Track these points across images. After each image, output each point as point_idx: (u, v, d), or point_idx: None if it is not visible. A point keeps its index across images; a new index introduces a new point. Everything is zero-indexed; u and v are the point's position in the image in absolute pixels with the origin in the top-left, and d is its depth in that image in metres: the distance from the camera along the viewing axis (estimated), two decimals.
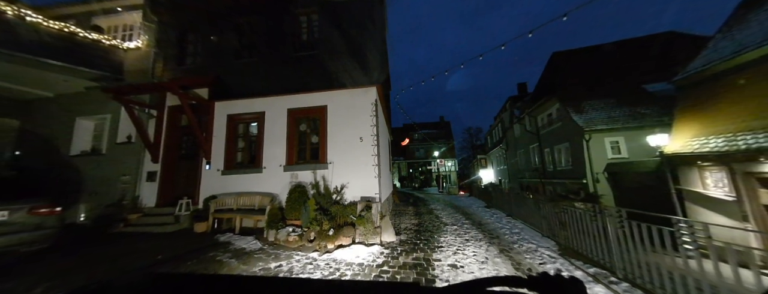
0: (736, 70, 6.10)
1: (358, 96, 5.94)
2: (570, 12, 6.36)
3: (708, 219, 6.56)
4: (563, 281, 0.45)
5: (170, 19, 7.02)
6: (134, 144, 6.52)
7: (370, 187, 5.54)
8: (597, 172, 10.62)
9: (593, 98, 11.91)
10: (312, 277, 3.20)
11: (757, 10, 6.79)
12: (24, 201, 3.15)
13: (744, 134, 5.62)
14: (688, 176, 6.99)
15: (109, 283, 0.65)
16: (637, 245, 3.10)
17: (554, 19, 6.50)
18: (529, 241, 4.96)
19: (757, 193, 5.63)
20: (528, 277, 0.47)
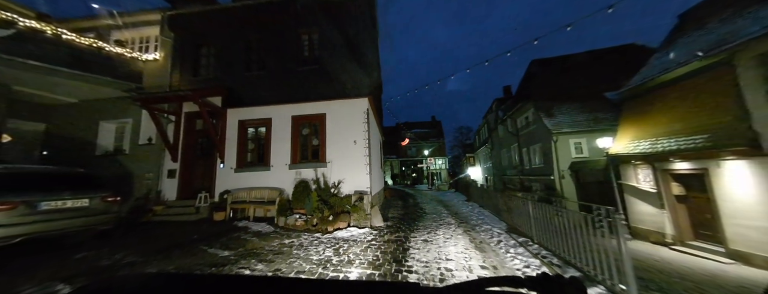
0: (661, 86, 7.51)
1: (352, 106, 7.04)
2: (575, 23, 6.77)
3: (640, 208, 8.03)
4: (563, 281, 0.45)
5: (186, 35, 7.87)
6: (155, 145, 7.41)
7: (363, 182, 6.67)
8: (563, 169, 12.08)
9: (562, 103, 13.36)
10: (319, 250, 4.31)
11: (685, 32, 8.23)
12: (96, 191, 4.13)
13: (662, 139, 7.04)
14: (626, 173, 8.43)
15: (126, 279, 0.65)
16: (546, 222, 4.34)
17: (559, 29, 7.07)
18: (488, 224, 6.22)
19: (670, 186, 7.08)
20: (528, 277, 0.46)
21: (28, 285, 2.75)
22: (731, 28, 6.05)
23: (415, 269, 3.51)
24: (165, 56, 7.87)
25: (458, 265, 3.68)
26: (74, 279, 2.94)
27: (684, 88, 6.79)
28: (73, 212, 3.77)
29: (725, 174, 5.75)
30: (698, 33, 7.45)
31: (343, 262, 3.73)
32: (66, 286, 2.79)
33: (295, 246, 4.47)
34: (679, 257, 6.24)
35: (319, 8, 7.50)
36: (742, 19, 6.14)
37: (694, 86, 6.51)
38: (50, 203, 3.55)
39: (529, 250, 4.17)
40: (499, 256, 4.06)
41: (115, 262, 3.51)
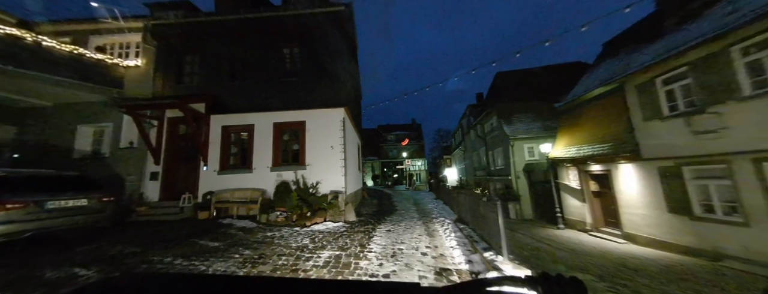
0: (583, 103, 9.26)
1: (330, 114, 7.91)
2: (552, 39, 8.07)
3: (570, 202, 9.75)
4: (563, 281, 0.44)
5: (169, 44, 8.24)
6: (137, 149, 7.71)
7: (339, 183, 7.56)
8: (518, 170, 13.85)
9: (519, 112, 15.23)
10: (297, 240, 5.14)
11: (605, 59, 10.11)
12: (93, 192, 4.63)
13: (584, 146, 8.74)
14: (561, 173, 10.17)
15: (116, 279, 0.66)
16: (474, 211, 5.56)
17: (543, 42, 8.36)
18: (443, 216, 7.42)
19: (589, 184, 8.80)
20: (528, 277, 0.46)
21: (48, 270, 3.33)
22: (627, 61, 7.83)
23: (374, 250, 4.50)
24: (147, 63, 8.17)
25: (409, 246, 4.74)
26: (89, 265, 3.54)
27: (597, 106, 8.54)
28: (74, 211, 4.28)
29: (620, 174, 7.46)
30: (612, 61, 9.32)
31: (317, 247, 4.62)
32: (82, 269, 3.41)
33: (276, 237, 5.27)
34: (592, 240, 7.89)
35: (300, 25, 8.30)
36: (637, 53, 7.95)
37: (603, 105, 8.25)
38: (55, 203, 4.06)
39: (464, 233, 5.36)
40: (442, 239, 5.20)
41: (119, 252, 4.10)
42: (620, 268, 5.25)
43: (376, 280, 3.17)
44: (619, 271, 5.07)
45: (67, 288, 2.87)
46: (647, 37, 7.72)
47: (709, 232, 5.34)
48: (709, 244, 5.32)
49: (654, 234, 6.50)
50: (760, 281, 4.29)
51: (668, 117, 6.03)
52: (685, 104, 5.75)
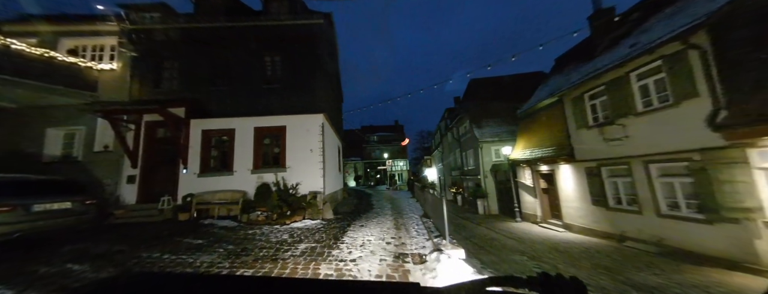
0: (536, 111, 10.62)
1: (310, 120, 8.47)
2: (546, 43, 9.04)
3: (526, 198, 11.08)
4: (563, 281, 0.44)
5: (147, 48, 8.31)
6: (112, 152, 7.75)
7: (318, 184, 8.15)
8: (486, 170, 15.21)
9: (488, 117, 16.68)
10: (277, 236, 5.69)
11: (554, 73, 11.61)
12: (77, 195, 4.87)
13: (536, 149, 10.06)
14: (519, 173, 11.51)
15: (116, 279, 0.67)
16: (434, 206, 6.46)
17: (532, 48, 9.17)
18: (414, 212, 8.29)
19: (539, 182, 10.15)
20: (528, 277, 0.46)
21: (42, 267, 3.66)
22: (567, 77, 9.21)
23: (346, 241, 5.19)
24: (123, 66, 8.20)
25: (377, 237, 5.49)
26: (80, 262, 3.89)
27: (546, 115, 9.90)
28: (58, 213, 4.53)
29: (561, 173, 8.79)
30: (558, 76, 10.78)
31: (295, 241, 5.23)
32: (75, 265, 3.77)
33: (257, 234, 5.78)
34: (540, 230, 9.18)
35: (281, 35, 8.76)
36: (575, 71, 9.37)
37: (550, 114, 9.60)
38: (41, 205, 4.32)
39: (426, 225, 6.24)
40: (407, 231, 6.02)
41: (107, 251, 4.43)
42: (551, 251, 6.41)
43: (376, 280, 3.12)
44: (549, 253, 6.21)
45: (77, 266, 3.22)
46: (584, 57, 9.16)
47: (618, 219, 6.68)
48: (618, 229, 6.65)
49: (583, 223, 7.84)
50: (643, 255, 5.59)
51: (592, 126, 7.36)
52: (603, 116, 7.09)
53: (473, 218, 12.78)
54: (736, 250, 4.36)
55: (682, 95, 5.04)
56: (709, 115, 4.53)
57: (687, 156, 5.00)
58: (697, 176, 4.86)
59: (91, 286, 0.64)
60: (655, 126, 5.59)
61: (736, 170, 4.31)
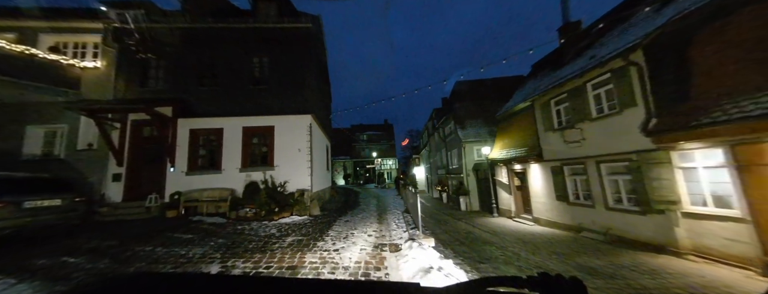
0: (512, 115, 11.42)
1: (298, 120, 8.78)
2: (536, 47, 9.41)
3: (503, 195, 11.90)
4: (563, 281, 0.45)
5: (132, 47, 8.30)
6: (96, 150, 7.75)
7: (305, 182, 8.50)
8: (468, 169, 16.03)
9: (472, 119, 17.51)
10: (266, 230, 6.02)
11: (530, 79, 12.47)
12: (67, 193, 5.01)
13: (511, 150, 10.85)
14: (497, 171, 12.32)
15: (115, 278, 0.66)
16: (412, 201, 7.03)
17: (523, 52, 9.48)
18: (397, 209, 8.82)
19: (514, 180, 10.97)
20: (528, 278, 0.46)
21: (39, 260, 3.86)
22: (539, 84, 10.02)
23: (331, 234, 5.63)
24: (108, 65, 8.16)
25: (360, 231, 5.96)
26: (75, 255, 4.11)
27: (520, 118, 10.70)
28: (49, 210, 4.68)
29: (532, 172, 9.61)
30: (533, 81, 11.63)
31: (283, 235, 5.61)
32: (70, 258, 3.99)
33: (247, 229, 6.10)
34: (513, 224, 9.98)
35: (269, 38, 8.99)
36: (546, 78, 10.19)
37: (523, 117, 10.40)
38: (32, 203, 4.47)
39: (405, 220, 6.78)
40: (388, 224, 6.53)
41: (98, 245, 4.63)
42: (518, 242, 7.13)
43: (376, 280, 3.09)
44: (516, 243, 6.92)
45: (72, 259, 3.45)
46: (555, 65, 9.99)
47: (576, 213, 7.51)
48: (576, 221, 7.48)
49: (549, 217, 8.66)
50: (594, 243, 6.39)
51: (557, 129, 8.15)
52: (565, 121, 7.89)
53: (455, 214, 13.52)
54: (661, 236, 5.18)
55: (624, 104, 5.83)
56: (643, 122, 5.31)
57: (627, 157, 5.80)
58: (634, 174, 5.67)
59: (90, 286, 0.63)
60: (605, 130, 6.39)
61: (662, 169, 5.12)
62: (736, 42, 4.09)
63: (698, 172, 4.69)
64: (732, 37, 4.15)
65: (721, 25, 4.26)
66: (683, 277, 4.07)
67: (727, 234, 4.27)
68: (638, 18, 6.63)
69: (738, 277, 3.97)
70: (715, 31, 4.33)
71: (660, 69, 5.11)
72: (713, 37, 4.35)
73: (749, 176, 3.98)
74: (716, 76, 4.30)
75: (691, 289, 3.63)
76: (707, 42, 4.42)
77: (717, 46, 4.29)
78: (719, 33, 4.28)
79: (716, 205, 4.47)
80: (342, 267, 3.83)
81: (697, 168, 4.71)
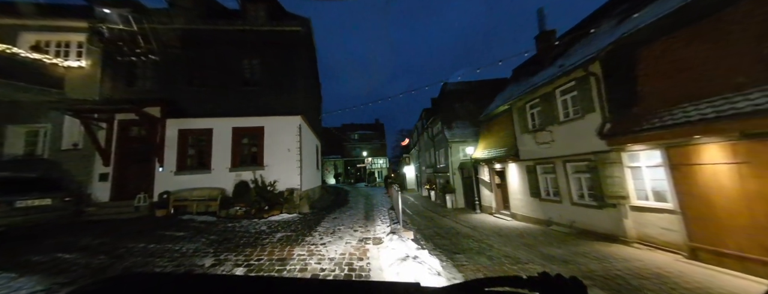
0: (494, 116, 12.09)
1: (288, 121, 9.03)
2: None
3: (485, 193, 12.58)
4: (563, 281, 0.45)
5: (118, 47, 8.25)
6: (81, 150, 7.73)
7: (295, 181, 8.77)
8: (454, 168, 16.70)
9: (458, 119, 18.19)
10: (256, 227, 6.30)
11: (511, 83, 13.18)
12: (57, 192, 5.12)
13: (492, 150, 11.51)
14: (479, 170, 13.00)
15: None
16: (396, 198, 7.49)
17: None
18: (384, 206, 9.26)
19: (494, 178, 11.66)
20: (528, 278, 0.46)
21: (34, 256, 4.02)
22: (517, 88, 10.70)
23: (319, 230, 5.98)
24: (93, 64, 8.11)
25: (347, 226, 6.35)
26: (69, 251, 4.28)
27: (501, 120, 11.37)
28: (39, 209, 4.80)
29: (510, 171, 10.28)
30: (513, 86, 12.34)
31: (273, 231, 5.91)
32: (64, 254, 4.16)
33: (237, 227, 6.35)
34: (493, 220, 10.65)
35: (260, 40, 9.16)
36: (524, 84, 10.88)
37: (503, 119, 11.07)
38: (23, 202, 4.59)
39: (390, 216, 7.23)
40: (374, 221, 6.95)
41: (89, 243, 4.79)
42: (494, 235, 7.73)
43: (376, 280, 3.16)
44: (492, 237, 7.51)
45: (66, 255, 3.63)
46: (532, 71, 10.69)
47: (547, 208, 8.20)
48: (547, 216, 8.17)
49: (524, 212, 9.36)
50: (560, 235, 7.07)
51: (531, 131, 8.82)
52: (538, 124, 8.56)
53: (441, 211, 14.12)
54: (613, 227, 5.87)
55: (586, 110, 6.49)
56: (599, 126, 5.97)
57: (588, 157, 6.47)
58: (593, 173, 6.35)
59: (90, 286, 0.63)
60: (571, 133, 7.06)
61: (614, 168, 5.79)
62: (669, 60, 4.76)
63: (642, 171, 5.38)
64: (666, 55, 4.82)
65: (658, 45, 4.92)
66: (625, 261, 4.72)
67: (663, 224, 4.96)
68: (601, 30, 7.33)
69: (669, 260, 4.66)
70: (654, 49, 4.99)
71: (613, 79, 5.78)
72: (651, 55, 5.01)
73: (679, 174, 4.66)
74: (655, 87, 4.97)
75: (628, 271, 4.26)
76: (647, 58, 5.09)
77: (655, 62, 4.96)
78: (656, 51, 4.95)
79: (656, 199, 5.16)
80: (328, 258, 4.21)
81: (641, 167, 5.39)
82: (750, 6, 3.87)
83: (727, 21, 4.10)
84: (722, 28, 4.13)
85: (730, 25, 4.05)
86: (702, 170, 4.34)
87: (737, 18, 3.99)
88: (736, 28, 3.98)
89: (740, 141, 3.86)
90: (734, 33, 3.99)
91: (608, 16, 7.67)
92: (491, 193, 11.89)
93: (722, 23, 4.15)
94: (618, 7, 7.42)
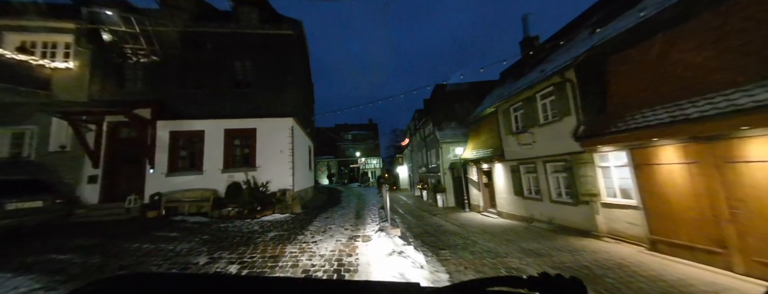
0: (482, 118, 12.53)
1: (280, 123, 9.17)
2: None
3: (473, 192, 13.01)
4: (563, 281, 0.45)
5: (107, 48, 8.21)
6: (69, 152, 7.67)
7: (287, 182, 8.93)
8: (445, 168, 17.13)
9: (449, 120, 18.64)
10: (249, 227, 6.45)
11: (498, 86, 13.67)
12: (47, 195, 5.15)
13: (480, 150, 11.94)
14: (468, 170, 13.43)
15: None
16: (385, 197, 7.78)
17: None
18: (375, 206, 9.53)
19: (482, 178, 12.10)
20: (528, 277, 0.46)
21: (28, 257, 4.09)
22: (503, 92, 11.15)
23: (311, 229, 6.19)
24: (81, 65, 8.05)
25: (338, 225, 6.58)
26: (63, 252, 4.36)
27: (488, 122, 11.81)
28: (31, 211, 4.85)
29: (496, 170, 10.72)
30: (500, 89, 12.82)
31: (265, 230, 6.09)
32: (58, 255, 4.25)
33: (230, 226, 6.49)
34: (480, 217, 11.07)
35: (252, 43, 9.26)
36: (509, 87, 11.34)
37: (490, 121, 11.51)
38: (14, 204, 4.63)
39: (380, 215, 7.50)
40: (365, 220, 7.21)
41: (82, 244, 4.86)
42: (480, 232, 8.11)
43: (376, 280, 3.22)
44: (478, 233, 7.89)
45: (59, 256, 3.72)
46: (518, 75, 11.17)
47: (529, 206, 8.65)
48: (529, 213, 8.62)
49: (509, 210, 9.80)
50: (540, 231, 7.51)
51: (515, 133, 9.26)
52: (521, 126, 9.01)
53: (432, 210, 14.48)
54: (587, 223, 6.33)
55: (563, 113, 6.94)
56: (574, 129, 6.41)
57: (564, 157, 6.92)
58: (568, 172, 6.79)
59: (90, 287, 0.63)
60: (550, 135, 7.50)
61: (587, 168, 6.24)
62: (631, 69, 5.22)
63: (611, 170, 5.83)
64: (628, 65, 5.27)
65: (622, 56, 5.37)
66: (594, 253, 5.14)
67: (629, 219, 5.42)
68: (579, 38, 7.81)
69: (632, 252, 5.11)
70: (619, 59, 5.45)
71: (587, 85, 6.22)
72: (617, 64, 5.47)
73: (641, 173, 5.12)
74: (621, 93, 5.42)
75: (595, 263, 4.67)
76: (614, 67, 5.54)
77: (620, 70, 5.41)
78: (621, 61, 5.40)
79: (622, 196, 5.62)
80: (318, 255, 4.44)
81: (610, 167, 5.85)
82: (694, 24, 4.34)
83: (676, 37, 4.56)
84: (673, 43, 4.59)
85: (679, 40, 4.51)
86: (660, 169, 4.79)
87: (684, 34, 4.45)
88: (684, 43, 4.44)
89: (690, 143, 4.31)
90: (682, 48, 4.45)
91: (585, 25, 8.17)
92: (479, 192, 12.33)
93: (672, 39, 4.61)
94: (593, 17, 7.93)
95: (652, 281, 3.77)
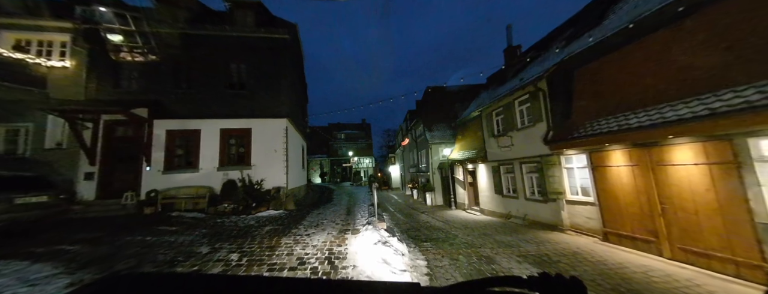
0: (468, 121, 13.24)
1: (274, 124, 9.55)
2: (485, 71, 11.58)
3: (460, 191, 13.73)
4: (563, 281, 0.45)
5: (104, 48, 8.37)
6: (65, 150, 7.84)
7: (281, 180, 9.33)
8: (434, 168, 17.83)
9: (438, 122, 19.34)
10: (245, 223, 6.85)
11: (484, 89, 14.41)
12: (51, 190, 5.42)
13: (466, 151, 12.64)
14: (455, 170, 14.14)
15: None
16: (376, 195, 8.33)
17: (474, 73, 11.12)
18: (365, 203, 10.05)
19: (467, 177, 12.82)
20: (528, 277, 0.47)
21: (38, 248, 4.41)
22: (488, 96, 11.87)
23: (304, 223, 6.66)
24: (78, 65, 8.19)
25: (330, 220, 7.08)
26: (71, 244, 4.68)
27: (473, 124, 12.52)
28: (36, 206, 5.13)
29: (480, 170, 11.44)
30: (486, 93, 13.55)
31: (261, 225, 6.51)
32: (66, 245, 4.58)
33: (227, 222, 6.88)
34: (465, 215, 11.78)
35: (247, 46, 9.58)
36: (493, 92, 12.07)
37: (475, 124, 12.23)
38: (22, 199, 4.91)
39: (369, 211, 8.04)
40: (355, 215, 7.73)
41: (84, 237, 5.17)
42: (462, 227, 8.76)
43: (375, 280, 3.19)
44: (459, 228, 8.54)
45: (69, 247, 4.04)
46: (501, 81, 11.90)
47: (507, 203, 9.38)
48: (507, 210, 9.35)
49: (490, 207, 10.53)
50: (515, 226, 8.23)
51: (496, 136, 9.98)
52: (502, 129, 9.73)
53: (421, 209, 15.13)
54: (554, 218, 7.06)
55: (536, 119, 7.65)
56: (544, 134, 7.13)
57: (537, 159, 7.65)
58: (540, 173, 7.52)
59: (91, 287, 0.63)
60: (526, 138, 8.22)
61: (554, 169, 6.97)
62: (592, 81, 5.94)
63: (575, 171, 6.57)
64: (589, 78, 6.00)
65: (585, 69, 6.10)
66: (555, 244, 5.84)
67: (587, 214, 6.16)
68: (552, 51, 8.55)
69: (588, 242, 5.84)
70: (583, 72, 6.17)
71: (556, 95, 6.94)
72: (581, 76, 6.19)
73: (597, 174, 5.85)
74: (584, 103, 6.15)
75: (554, 251, 5.36)
76: (579, 79, 6.26)
77: (584, 82, 6.13)
78: (584, 74, 6.12)
79: (583, 194, 6.36)
80: (311, 245, 4.94)
81: (574, 168, 6.58)
82: (634, 48, 5.08)
83: (627, 55, 5.29)
84: (623, 60, 5.32)
85: (628, 58, 5.25)
86: (612, 171, 5.53)
87: (633, 51, 5.18)
88: (632, 60, 5.17)
89: (633, 148, 5.05)
90: (632, 64, 5.18)
91: (559, 39, 8.93)
92: (464, 191, 13.05)
93: (623, 57, 5.34)
94: (566, 31, 8.69)
95: (595, 265, 4.47)
